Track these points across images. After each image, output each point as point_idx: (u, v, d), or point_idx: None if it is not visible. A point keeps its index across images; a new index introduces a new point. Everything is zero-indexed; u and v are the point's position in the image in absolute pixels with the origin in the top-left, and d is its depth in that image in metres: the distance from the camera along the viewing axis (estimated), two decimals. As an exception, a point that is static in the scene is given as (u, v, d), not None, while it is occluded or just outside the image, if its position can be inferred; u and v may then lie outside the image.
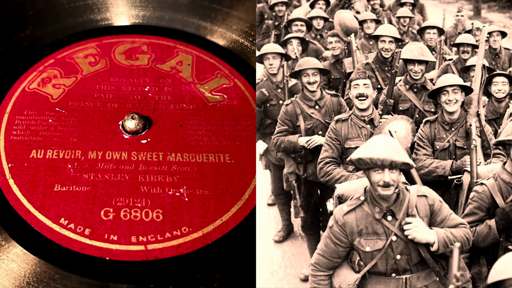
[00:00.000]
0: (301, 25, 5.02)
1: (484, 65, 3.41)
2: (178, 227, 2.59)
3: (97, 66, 3.26)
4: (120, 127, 2.97)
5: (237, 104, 3.14)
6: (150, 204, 2.67)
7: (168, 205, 2.67)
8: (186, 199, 2.69)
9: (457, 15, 6.18)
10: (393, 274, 2.37)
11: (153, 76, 3.24)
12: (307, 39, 4.80)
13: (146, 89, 3.15)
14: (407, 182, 2.56)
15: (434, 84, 3.55)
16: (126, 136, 2.94)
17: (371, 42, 4.80)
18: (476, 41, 4.39)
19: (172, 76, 3.24)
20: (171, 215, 2.63)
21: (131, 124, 2.94)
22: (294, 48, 4.51)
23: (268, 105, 4.08)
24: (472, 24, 5.25)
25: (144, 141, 2.92)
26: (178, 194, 2.71)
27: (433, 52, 4.70)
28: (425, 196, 2.40)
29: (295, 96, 3.70)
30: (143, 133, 2.95)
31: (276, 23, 6.10)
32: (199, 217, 2.64)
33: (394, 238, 2.34)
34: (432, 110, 3.60)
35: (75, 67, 3.26)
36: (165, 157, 2.85)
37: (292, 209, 4.08)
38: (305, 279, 3.81)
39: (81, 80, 3.19)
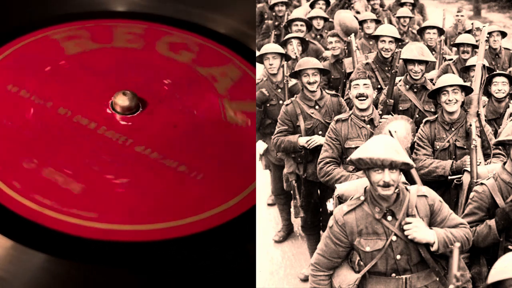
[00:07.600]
0: (301, 25, 5.01)
1: (484, 65, 3.41)
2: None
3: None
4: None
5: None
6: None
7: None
8: None
9: (457, 15, 6.19)
10: (393, 274, 2.37)
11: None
12: (307, 39, 4.80)
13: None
14: (407, 182, 2.56)
15: (434, 84, 3.55)
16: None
17: (371, 42, 4.80)
18: (476, 41, 4.39)
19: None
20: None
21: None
22: (294, 48, 4.51)
23: (268, 105, 4.08)
24: (472, 24, 5.25)
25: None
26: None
27: (433, 52, 4.70)
28: (425, 196, 2.40)
29: (295, 96, 3.70)
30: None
31: (276, 23, 6.10)
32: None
33: (394, 238, 2.34)
34: (432, 110, 3.60)
35: None
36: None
37: (292, 209, 4.08)
38: (305, 279, 3.80)
39: None
